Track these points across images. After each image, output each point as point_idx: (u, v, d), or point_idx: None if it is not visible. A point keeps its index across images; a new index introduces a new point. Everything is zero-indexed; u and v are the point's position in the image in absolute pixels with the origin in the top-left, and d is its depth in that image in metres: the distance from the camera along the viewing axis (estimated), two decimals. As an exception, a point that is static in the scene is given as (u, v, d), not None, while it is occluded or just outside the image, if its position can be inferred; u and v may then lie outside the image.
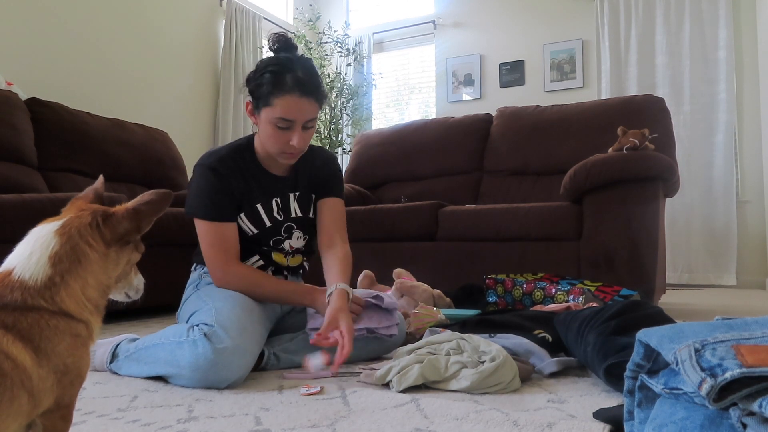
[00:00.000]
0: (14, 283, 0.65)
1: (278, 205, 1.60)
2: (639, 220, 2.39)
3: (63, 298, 0.66)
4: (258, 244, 1.60)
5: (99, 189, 0.80)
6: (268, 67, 1.45)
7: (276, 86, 1.42)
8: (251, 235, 1.57)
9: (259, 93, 1.45)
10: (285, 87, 1.42)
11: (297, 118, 1.45)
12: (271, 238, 1.60)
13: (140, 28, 4.05)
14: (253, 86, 1.48)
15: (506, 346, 1.42)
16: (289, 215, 1.62)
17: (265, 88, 1.43)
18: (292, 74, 1.43)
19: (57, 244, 0.68)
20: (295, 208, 1.64)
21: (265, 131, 1.49)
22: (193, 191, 1.53)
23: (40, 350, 0.63)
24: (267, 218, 1.58)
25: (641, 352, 0.68)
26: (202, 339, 1.29)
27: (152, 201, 0.74)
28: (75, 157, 3.05)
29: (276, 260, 1.63)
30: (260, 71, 1.46)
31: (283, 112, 1.43)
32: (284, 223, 1.61)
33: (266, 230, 1.59)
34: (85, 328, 0.69)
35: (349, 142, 5.41)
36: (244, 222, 1.56)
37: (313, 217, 1.67)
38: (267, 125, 1.47)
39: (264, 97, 1.44)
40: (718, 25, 4.35)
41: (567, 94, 4.83)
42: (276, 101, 1.43)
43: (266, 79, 1.44)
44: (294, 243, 1.64)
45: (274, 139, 1.48)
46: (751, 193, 4.30)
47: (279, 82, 1.42)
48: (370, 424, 1.01)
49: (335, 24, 5.66)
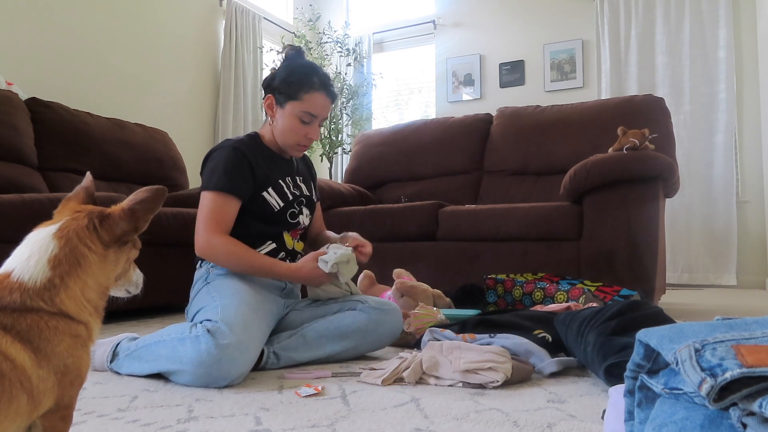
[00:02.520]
0: (13, 285, 0.65)
1: (291, 182, 1.73)
2: (639, 220, 2.39)
3: (62, 300, 0.66)
4: (277, 222, 1.67)
5: (89, 187, 0.79)
6: (297, 68, 1.64)
7: (306, 84, 1.62)
8: (277, 210, 1.66)
9: (287, 89, 1.62)
10: (314, 85, 1.62)
11: (320, 114, 1.64)
12: (291, 210, 1.70)
13: (140, 28, 4.05)
14: (279, 83, 1.63)
15: (506, 346, 1.42)
16: (302, 192, 1.75)
17: (296, 85, 1.61)
18: (317, 76, 1.64)
19: (56, 247, 0.68)
20: (304, 188, 1.77)
21: (286, 123, 1.64)
22: (209, 170, 1.59)
23: (39, 351, 0.63)
24: (289, 192, 1.70)
25: (641, 352, 0.68)
26: (205, 335, 1.30)
27: (146, 199, 0.73)
28: (75, 157, 3.05)
29: (286, 243, 1.69)
30: (288, 71, 1.64)
31: (310, 107, 1.62)
32: (299, 198, 1.73)
33: (288, 203, 1.69)
34: (84, 329, 0.69)
35: (349, 142, 5.41)
36: (272, 196, 1.65)
37: (315, 200, 1.83)
38: (290, 118, 1.63)
39: (293, 93, 1.61)
40: (718, 24, 4.35)
41: (567, 94, 4.83)
42: (305, 96, 1.61)
43: (296, 77, 1.62)
44: (303, 220, 1.75)
45: (295, 131, 1.64)
46: (751, 193, 4.30)
47: (308, 81, 1.62)
48: (370, 424, 1.01)
49: (335, 24, 5.66)
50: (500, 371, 1.26)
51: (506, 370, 1.27)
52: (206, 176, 1.60)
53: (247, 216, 1.62)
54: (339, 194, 3.28)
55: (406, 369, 1.33)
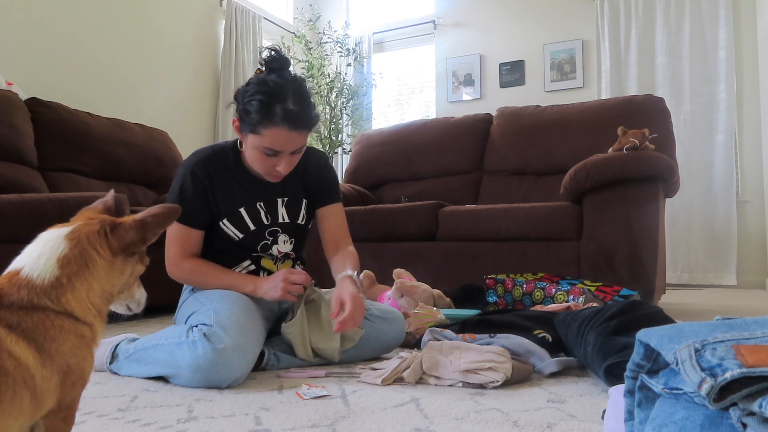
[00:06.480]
0: (21, 282, 0.66)
1: (263, 208, 1.57)
2: (639, 220, 2.39)
3: (68, 300, 0.67)
4: (247, 249, 1.58)
5: (108, 202, 0.81)
6: (257, 95, 1.37)
7: (265, 116, 1.36)
8: (238, 240, 1.55)
9: (247, 119, 1.40)
10: (274, 119, 1.36)
11: (285, 149, 1.41)
12: (258, 242, 1.58)
13: (140, 29, 4.05)
14: (240, 110, 1.42)
15: (506, 346, 1.42)
16: (277, 220, 1.59)
17: (254, 116, 1.37)
18: (282, 105, 1.36)
19: (66, 248, 0.69)
20: (283, 214, 1.60)
21: (251, 155, 1.46)
22: (172, 189, 1.54)
23: (43, 350, 0.63)
24: (251, 222, 1.55)
25: (641, 352, 0.68)
26: (201, 339, 1.29)
27: (159, 214, 0.75)
28: (75, 157, 3.05)
29: (266, 266, 1.61)
30: (249, 95, 1.39)
31: (271, 143, 1.39)
32: (269, 228, 1.58)
33: (251, 234, 1.55)
34: (89, 330, 0.69)
35: (349, 142, 5.41)
36: (228, 227, 1.54)
37: (302, 223, 1.64)
38: (253, 150, 1.43)
39: (252, 124, 1.39)
40: (718, 25, 4.35)
41: (567, 94, 4.83)
42: (264, 132, 1.38)
43: (254, 107, 1.37)
44: (281, 248, 1.61)
45: (260, 163, 1.45)
46: (751, 193, 4.30)
47: (268, 113, 1.36)
48: (370, 424, 1.01)
49: (335, 24, 5.66)
50: (500, 371, 1.26)
51: (506, 370, 1.27)
52: (169, 196, 1.56)
53: (217, 236, 1.55)
54: (339, 194, 3.28)
55: (406, 369, 1.33)
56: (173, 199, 1.52)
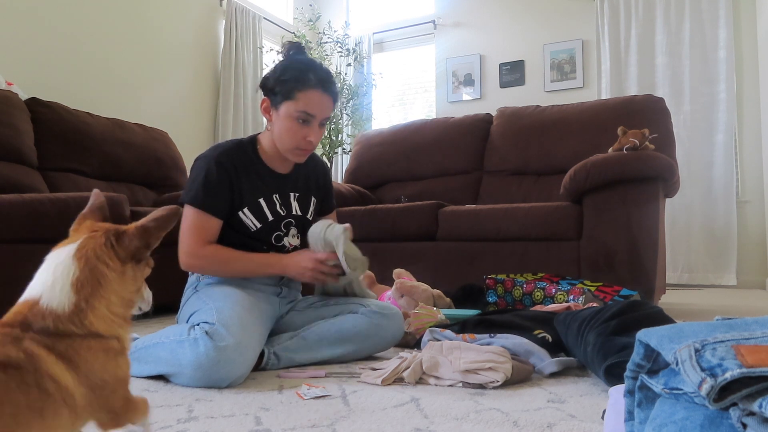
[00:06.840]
0: (44, 312, 0.68)
1: (278, 200, 1.64)
2: (639, 220, 2.39)
3: (92, 321, 0.69)
4: (260, 241, 1.61)
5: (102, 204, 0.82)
6: (290, 68, 1.53)
7: (300, 81, 1.51)
8: (254, 231, 1.59)
9: (281, 89, 1.52)
10: (309, 82, 1.51)
11: (318, 113, 1.53)
12: (273, 233, 1.63)
13: (140, 28, 4.05)
14: (273, 83, 1.54)
15: (506, 346, 1.42)
16: (290, 212, 1.66)
17: (290, 84, 1.51)
18: (314, 72, 1.52)
19: (77, 269, 0.71)
20: (296, 207, 1.68)
21: (283, 126, 1.54)
22: (191, 180, 1.56)
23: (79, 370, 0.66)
24: (269, 212, 1.61)
25: (641, 352, 0.68)
26: (203, 337, 1.29)
27: (160, 218, 0.76)
28: (75, 157, 3.05)
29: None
30: (282, 69, 1.54)
31: (306, 106, 1.51)
32: (285, 219, 1.64)
33: (268, 224, 1.61)
34: (116, 342, 0.72)
35: (349, 142, 5.41)
36: (248, 216, 1.58)
37: (310, 219, 1.71)
38: (286, 120, 1.53)
39: (287, 92, 1.51)
40: (718, 25, 4.35)
41: (567, 94, 4.83)
42: (300, 95, 1.51)
43: (290, 75, 1.51)
44: (291, 241, 1.67)
45: (292, 133, 1.54)
46: (751, 193, 4.30)
47: (303, 78, 1.51)
48: (370, 424, 1.01)
49: (335, 24, 5.66)
50: (500, 371, 1.26)
51: (506, 370, 1.27)
52: (187, 186, 1.57)
53: (230, 230, 1.59)
54: (339, 194, 3.28)
55: (406, 369, 1.33)
56: (196, 188, 1.53)
